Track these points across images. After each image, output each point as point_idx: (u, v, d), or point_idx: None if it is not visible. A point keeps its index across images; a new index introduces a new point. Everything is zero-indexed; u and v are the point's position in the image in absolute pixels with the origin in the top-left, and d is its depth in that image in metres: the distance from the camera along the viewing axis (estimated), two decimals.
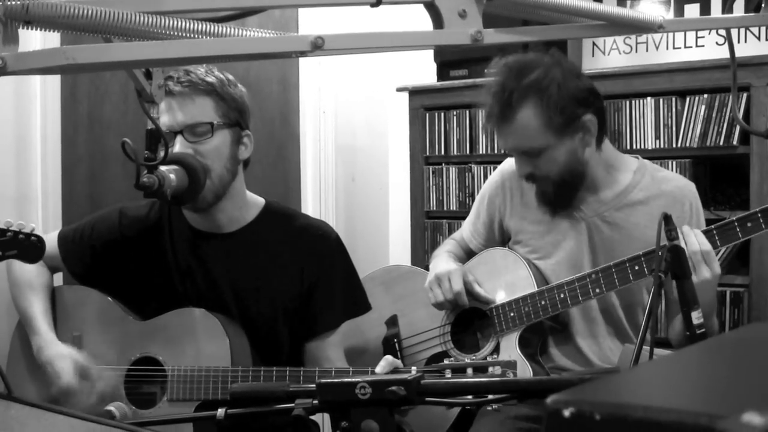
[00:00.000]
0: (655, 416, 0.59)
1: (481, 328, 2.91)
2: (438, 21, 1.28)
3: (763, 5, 1.61)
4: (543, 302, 2.73)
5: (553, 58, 2.66)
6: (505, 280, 2.85)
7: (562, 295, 2.71)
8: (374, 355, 2.92)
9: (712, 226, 2.50)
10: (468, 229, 3.11)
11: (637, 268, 2.58)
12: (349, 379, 1.43)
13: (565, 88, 2.62)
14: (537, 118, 2.60)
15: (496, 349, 2.79)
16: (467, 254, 3.10)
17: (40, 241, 2.42)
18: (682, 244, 2.32)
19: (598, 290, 2.65)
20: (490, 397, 1.52)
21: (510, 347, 2.75)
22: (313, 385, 1.48)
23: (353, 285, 2.80)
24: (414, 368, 2.36)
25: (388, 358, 2.42)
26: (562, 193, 2.74)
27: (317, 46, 1.18)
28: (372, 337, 3.02)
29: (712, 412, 0.57)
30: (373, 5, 1.25)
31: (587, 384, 0.67)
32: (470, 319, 2.92)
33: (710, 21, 1.91)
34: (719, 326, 3.05)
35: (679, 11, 3.37)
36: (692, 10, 3.33)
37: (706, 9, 3.27)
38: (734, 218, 2.48)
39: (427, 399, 1.46)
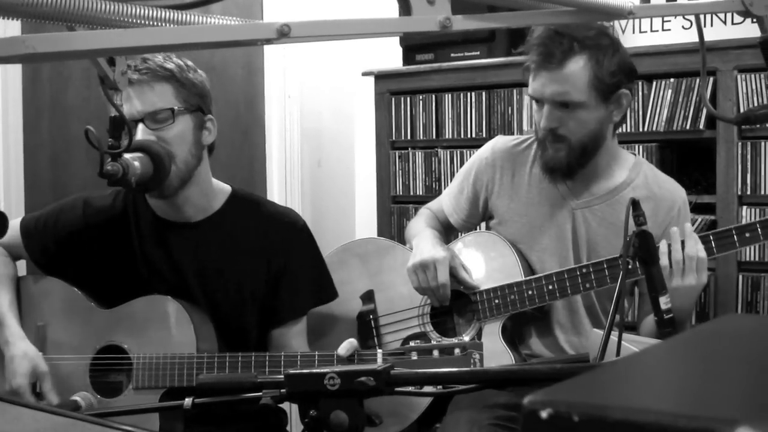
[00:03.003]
0: (635, 417, 0.58)
1: (461, 312, 2.87)
2: (406, 7, 1.26)
3: None
4: (530, 292, 2.71)
5: (603, 26, 2.67)
6: (492, 266, 2.82)
7: (550, 287, 2.69)
8: (347, 330, 2.88)
9: (710, 233, 2.52)
10: (449, 203, 3.06)
11: (630, 266, 2.56)
12: (318, 370, 1.42)
13: (619, 54, 2.63)
14: (587, 73, 2.58)
15: (478, 335, 2.76)
16: (444, 227, 3.07)
17: (1, 216, 2.38)
18: (676, 244, 2.36)
19: (588, 285, 2.64)
20: (460, 387, 1.51)
21: (493, 334, 2.73)
22: (282, 376, 1.47)
23: (320, 272, 2.78)
24: (379, 351, 2.36)
25: (352, 341, 2.42)
26: (573, 160, 2.69)
27: (283, 34, 1.16)
28: (346, 310, 2.95)
29: (693, 413, 0.56)
30: None
31: (565, 383, 0.66)
32: (451, 300, 2.88)
33: (680, 7, 1.90)
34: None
35: None
36: None
37: None
38: (732, 227, 2.51)
39: (397, 389, 1.44)
